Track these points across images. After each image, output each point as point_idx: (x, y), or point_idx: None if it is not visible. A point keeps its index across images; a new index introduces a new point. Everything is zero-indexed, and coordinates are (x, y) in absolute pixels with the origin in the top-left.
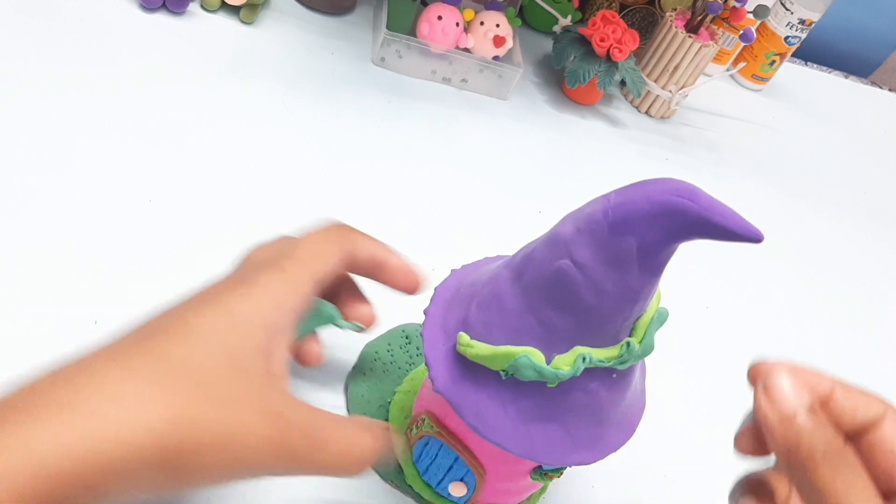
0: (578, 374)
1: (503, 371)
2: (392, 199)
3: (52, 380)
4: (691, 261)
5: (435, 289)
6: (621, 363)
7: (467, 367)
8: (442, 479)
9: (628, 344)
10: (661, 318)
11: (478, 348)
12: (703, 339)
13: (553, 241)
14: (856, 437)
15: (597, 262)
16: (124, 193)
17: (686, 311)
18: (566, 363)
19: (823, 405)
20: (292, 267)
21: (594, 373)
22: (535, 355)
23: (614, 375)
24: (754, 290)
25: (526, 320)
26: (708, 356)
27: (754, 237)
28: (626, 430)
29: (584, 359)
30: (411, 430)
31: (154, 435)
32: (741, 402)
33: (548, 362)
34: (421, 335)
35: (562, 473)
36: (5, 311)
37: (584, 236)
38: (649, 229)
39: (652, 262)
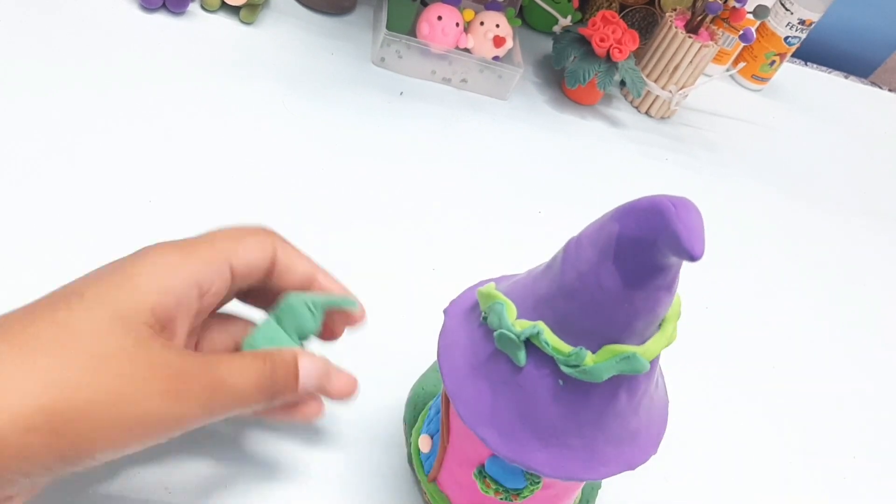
0: (520, 340)
1: (483, 312)
2: (392, 199)
3: None
4: None
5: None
6: (566, 364)
7: (472, 310)
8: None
9: (580, 350)
10: (633, 363)
11: (487, 288)
12: (703, 339)
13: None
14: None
15: (587, 240)
16: (124, 193)
17: (686, 311)
18: (521, 326)
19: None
20: (195, 242)
21: (544, 364)
22: (510, 309)
23: (561, 382)
24: (754, 290)
25: (529, 284)
26: (708, 356)
27: (690, 253)
28: (563, 459)
29: (535, 329)
30: None
31: (37, 403)
32: (741, 403)
33: None
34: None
35: (520, 498)
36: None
37: (598, 219)
38: (629, 220)
39: (623, 261)
